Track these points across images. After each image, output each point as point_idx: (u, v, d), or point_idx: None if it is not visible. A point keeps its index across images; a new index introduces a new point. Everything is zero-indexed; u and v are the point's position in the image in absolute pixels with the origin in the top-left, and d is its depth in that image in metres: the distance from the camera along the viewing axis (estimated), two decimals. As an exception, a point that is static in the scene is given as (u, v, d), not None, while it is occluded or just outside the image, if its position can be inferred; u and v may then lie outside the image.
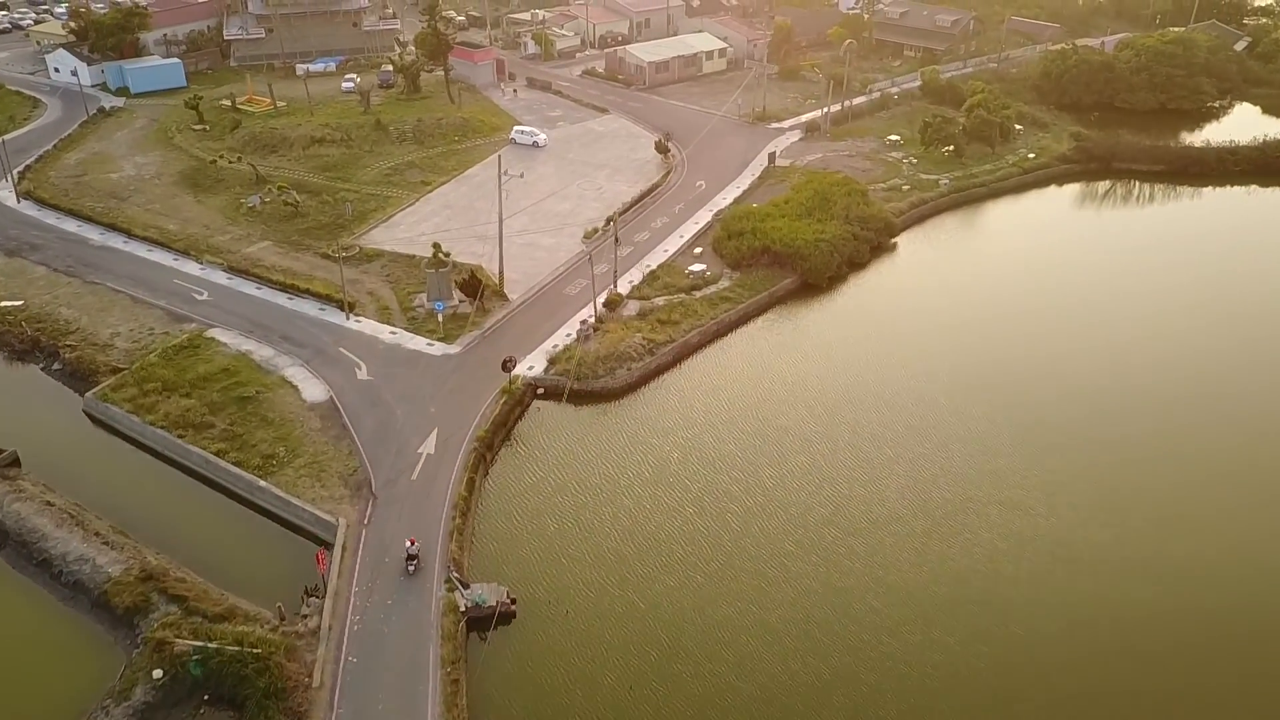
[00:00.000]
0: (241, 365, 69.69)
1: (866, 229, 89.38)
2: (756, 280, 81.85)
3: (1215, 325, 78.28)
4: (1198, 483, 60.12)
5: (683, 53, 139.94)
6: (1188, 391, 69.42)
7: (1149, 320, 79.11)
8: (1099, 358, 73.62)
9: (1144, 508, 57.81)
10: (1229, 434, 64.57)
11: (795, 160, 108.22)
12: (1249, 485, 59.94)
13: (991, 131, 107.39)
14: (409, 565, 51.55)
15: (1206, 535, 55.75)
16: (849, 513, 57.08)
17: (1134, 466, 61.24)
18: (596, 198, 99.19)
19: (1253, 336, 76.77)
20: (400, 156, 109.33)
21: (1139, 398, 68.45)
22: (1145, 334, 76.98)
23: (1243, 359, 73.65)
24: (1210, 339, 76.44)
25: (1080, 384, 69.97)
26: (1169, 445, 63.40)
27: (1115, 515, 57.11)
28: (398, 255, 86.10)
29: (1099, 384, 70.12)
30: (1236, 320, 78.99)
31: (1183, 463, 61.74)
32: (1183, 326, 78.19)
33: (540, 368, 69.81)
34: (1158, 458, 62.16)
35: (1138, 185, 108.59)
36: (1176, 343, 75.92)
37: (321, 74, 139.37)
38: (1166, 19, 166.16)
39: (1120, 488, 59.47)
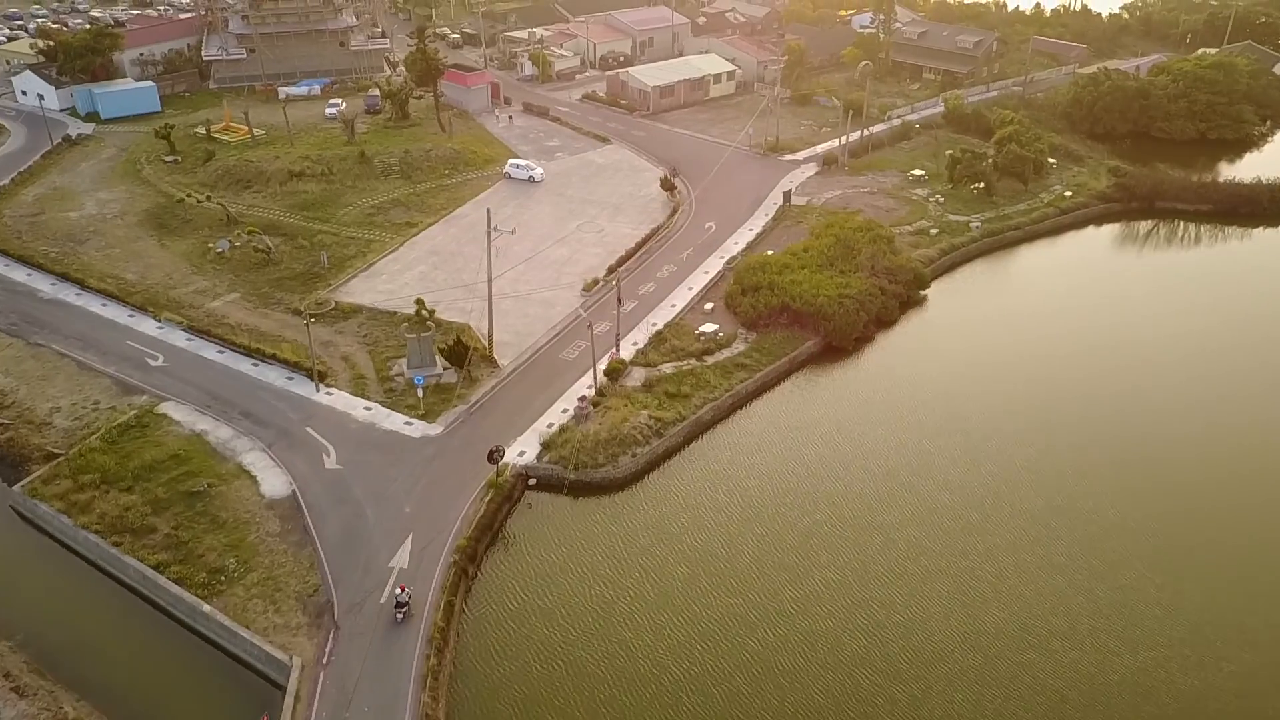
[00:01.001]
0: (194, 450, 61.36)
1: (894, 281, 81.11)
2: (775, 343, 73.58)
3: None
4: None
5: (689, 76, 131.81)
6: (1264, 465, 61.42)
7: (1211, 381, 71.10)
8: (1155, 426, 66.03)
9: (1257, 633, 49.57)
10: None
11: (812, 198, 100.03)
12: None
13: (1025, 168, 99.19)
14: (398, 614, 48.82)
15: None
16: (887, 647, 48.63)
17: (1217, 556, 53.06)
18: (597, 241, 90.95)
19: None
20: (385, 193, 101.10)
21: (1209, 470, 60.48)
22: (1209, 395, 69.31)
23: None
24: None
25: (1139, 458, 62.13)
26: (1254, 534, 55.28)
27: (1207, 651, 48.83)
28: (377, 311, 77.82)
29: (1158, 456, 62.56)
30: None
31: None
32: (1248, 388, 70.04)
33: (532, 453, 61.46)
34: (1245, 550, 54.00)
35: (1183, 226, 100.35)
36: (1242, 406, 67.83)
37: (305, 97, 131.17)
38: (1198, 39, 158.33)
39: (1213, 603, 51.22)
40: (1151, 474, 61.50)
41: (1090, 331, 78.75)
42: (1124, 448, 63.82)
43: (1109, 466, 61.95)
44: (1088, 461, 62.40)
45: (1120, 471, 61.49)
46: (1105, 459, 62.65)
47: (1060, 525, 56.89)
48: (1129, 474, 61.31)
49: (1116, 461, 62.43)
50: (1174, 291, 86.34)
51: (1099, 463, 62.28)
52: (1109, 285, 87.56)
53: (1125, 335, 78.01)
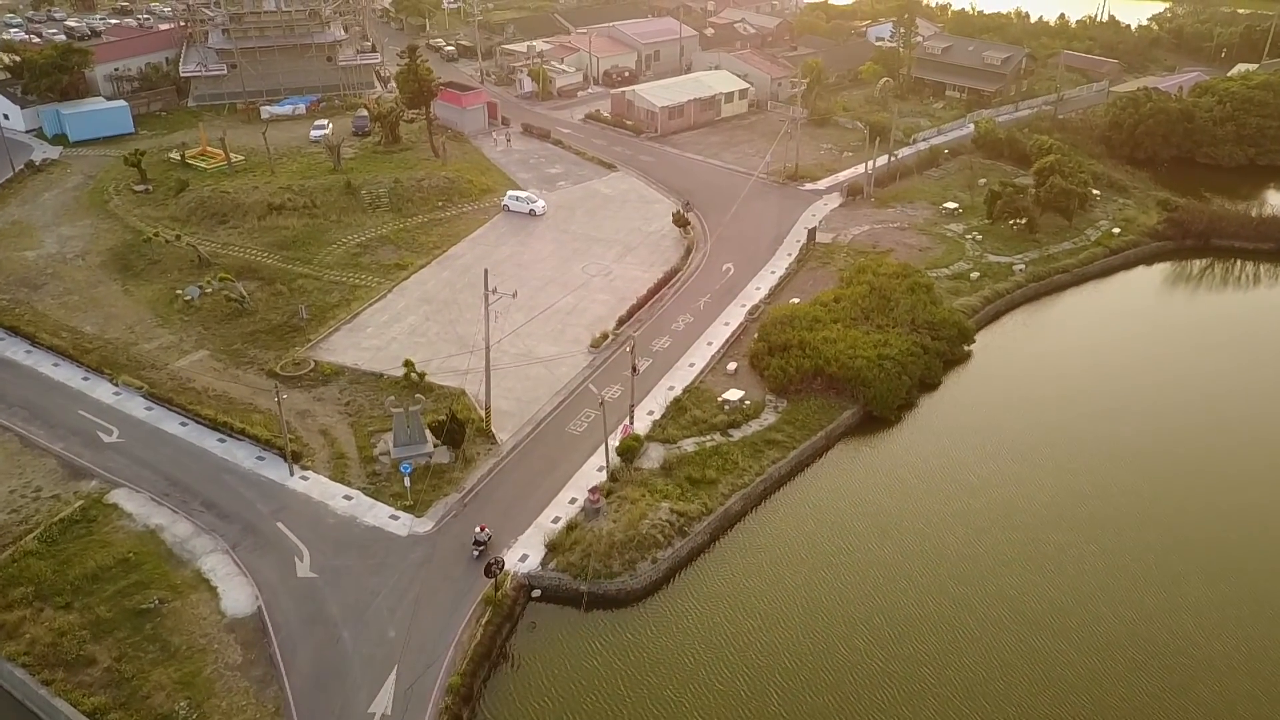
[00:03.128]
0: (146, 552, 53.03)
1: (937, 338, 72.96)
2: (808, 413, 65.39)
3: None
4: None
5: (699, 94, 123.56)
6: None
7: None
8: (1248, 504, 57.89)
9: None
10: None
11: (838, 234, 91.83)
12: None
13: (1069, 202, 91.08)
14: (475, 550, 52.66)
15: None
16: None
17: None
18: (605, 286, 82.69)
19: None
20: (373, 228, 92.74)
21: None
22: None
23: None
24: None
25: (1232, 543, 53.96)
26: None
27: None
28: (361, 374, 69.49)
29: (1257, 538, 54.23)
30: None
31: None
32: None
33: (536, 557, 53.18)
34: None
35: (1241, 265, 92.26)
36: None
37: (289, 117, 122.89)
38: (1234, 53, 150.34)
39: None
40: (1253, 561, 53.54)
41: (1153, 387, 70.93)
42: (1188, 498, 55.80)
43: (1199, 563, 53.91)
44: (1174, 558, 54.32)
45: (1215, 569, 53.48)
46: (1193, 551, 54.63)
47: (1141, 637, 48.83)
48: (1224, 569, 53.33)
49: (1190, 519, 54.44)
50: (1239, 341, 78.22)
51: (1188, 559, 54.23)
52: (1168, 336, 79.57)
53: (1193, 395, 70.04)
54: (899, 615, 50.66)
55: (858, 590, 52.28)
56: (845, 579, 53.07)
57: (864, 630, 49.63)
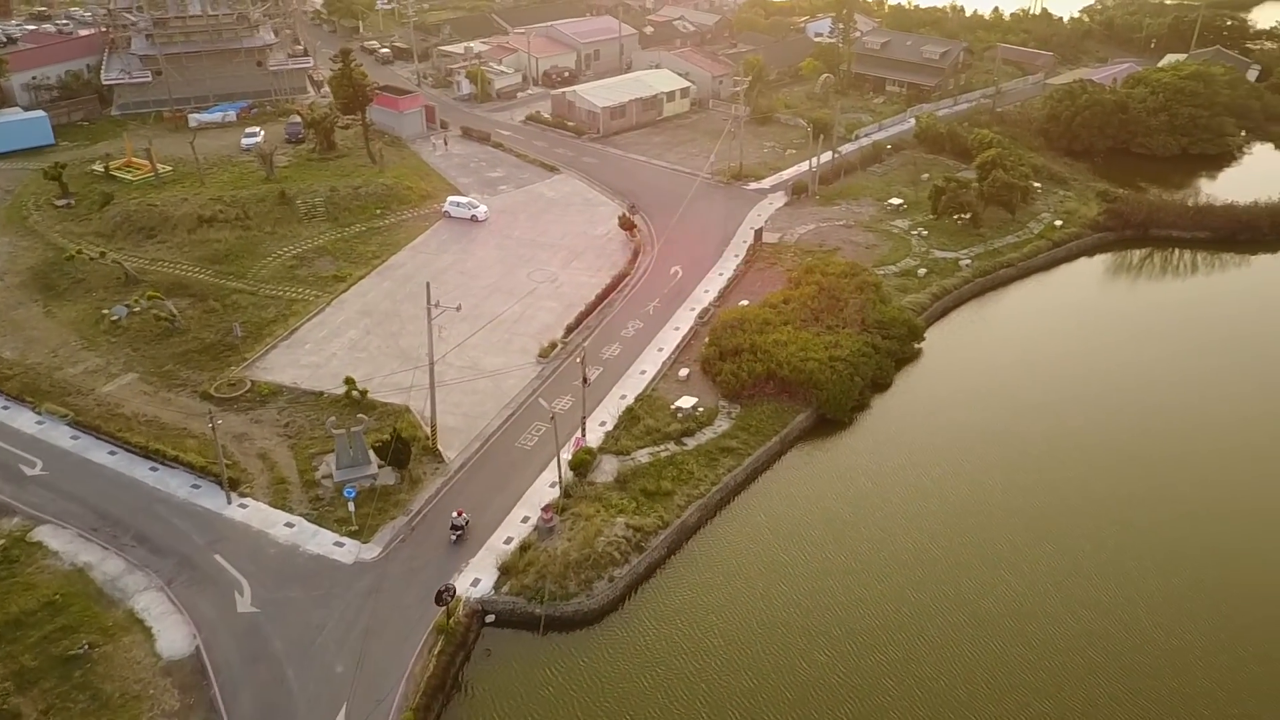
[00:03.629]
0: (74, 593, 50.28)
1: (888, 336, 72.60)
2: (762, 417, 64.50)
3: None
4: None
5: (640, 94, 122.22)
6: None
7: (1233, 425, 64.43)
8: (1202, 480, 59.15)
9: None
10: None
11: (784, 234, 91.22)
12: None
13: (1012, 196, 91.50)
14: (453, 535, 53.89)
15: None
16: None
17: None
18: (552, 293, 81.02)
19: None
20: (309, 239, 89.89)
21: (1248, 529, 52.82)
22: (1226, 435, 63.73)
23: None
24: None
25: (1187, 520, 54.17)
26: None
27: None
28: (301, 393, 67.03)
29: (1213, 514, 54.71)
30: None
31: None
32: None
33: (489, 580, 51.45)
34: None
35: (1180, 254, 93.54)
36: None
37: (219, 124, 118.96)
38: (1162, 44, 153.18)
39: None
40: (1203, 553, 53.80)
41: (1098, 378, 71.53)
42: (1165, 527, 56.02)
43: (1151, 557, 54.05)
44: (1127, 553, 54.44)
45: (1167, 562, 53.63)
46: (1145, 543, 54.77)
47: (1126, 642, 48.75)
48: (1176, 562, 53.50)
49: (1160, 544, 54.60)
50: (1181, 330, 79.10)
51: (1140, 552, 54.35)
52: (1112, 324, 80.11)
53: (1137, 385, 70.61)
54: (858, 626, 49.91)
55: (816, 601, 51.42)
56: (803, 590, 52.17)
57: (823, 643, 48.76)
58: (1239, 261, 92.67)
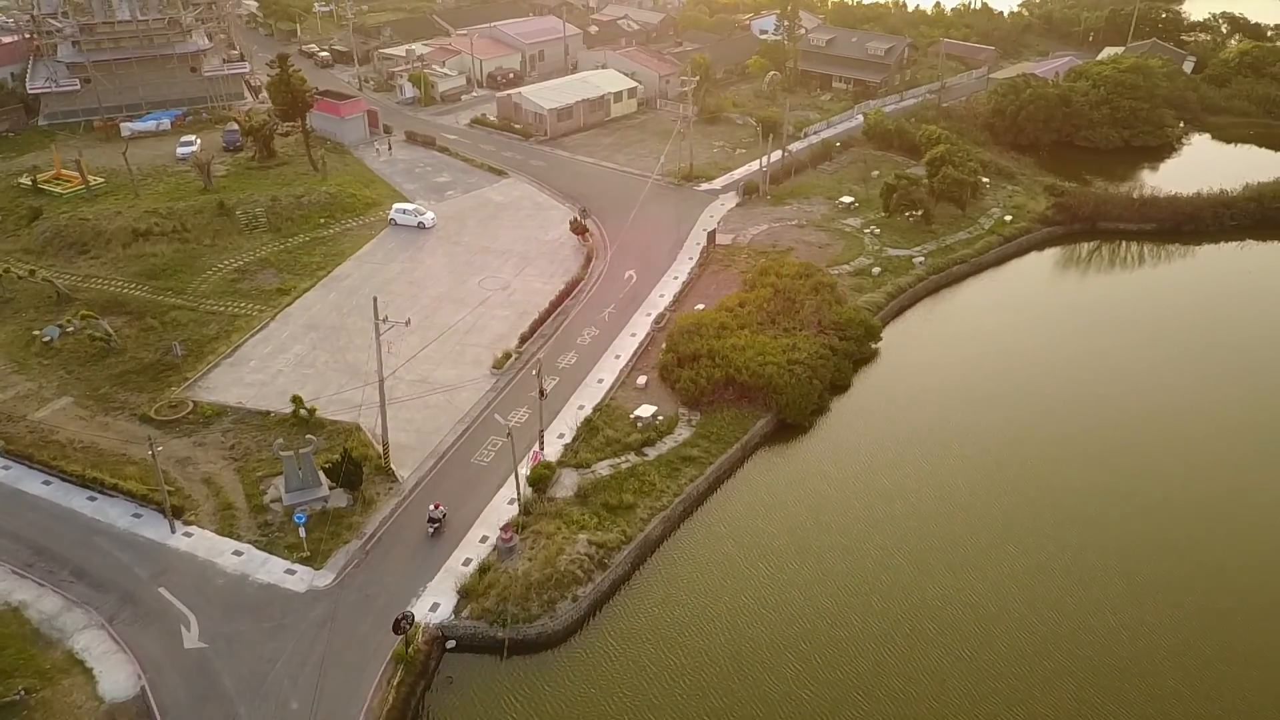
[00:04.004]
0: (9, 634, 47.72)
1: (845, 337, 72.17)
2: (723, 424, 63.62)
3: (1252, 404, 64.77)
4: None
5: (587, 95, 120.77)
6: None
7: (1189, 410, 65.46)
8: (1154, 465, 60.34)
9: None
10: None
11: (737, 235, 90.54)
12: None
13: (963, 192, 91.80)
14: (430, 528, 54.26)
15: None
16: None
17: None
18: (504, 301, 79.40)
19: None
20: (250, 251, 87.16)
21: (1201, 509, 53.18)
22: (1178, 424, 64.51)
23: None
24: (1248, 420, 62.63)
25: (1144, 504, 54.39)
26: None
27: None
28: (246, 412, 64.71)
29: (1168, 499, 54.86)
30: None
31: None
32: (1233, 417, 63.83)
33: (448, 604, 49.85)
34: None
35: (1127, 247, 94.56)
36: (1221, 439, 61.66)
37: (153, 133, 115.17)
38: (1100, 37, 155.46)
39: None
40: (1163, 550, 54.04)
41: (1053, 372, 72.27)
42: (1125, 525, 56.20)
43: (1114, 557, 54.16)
44: (1089, 553, 54.46)
45: (1129, 562, 53.79)
46: (1106, 542, 54.88)
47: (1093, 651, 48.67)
48: (1138, 562, 53.68)
49: (1120, 543, 54.74)
50: (1132, 322, 79.82)
51: (1102, 552, 54.43)
52: (1065, 318, 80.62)
53: (1092, 374, 71.47)
54: (825, 638, 49.21)
55: (782, 614, 50.60)
56: (768, 603, 51.31)
57: (791, 658, 47.98)
58: (1184, 252, 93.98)
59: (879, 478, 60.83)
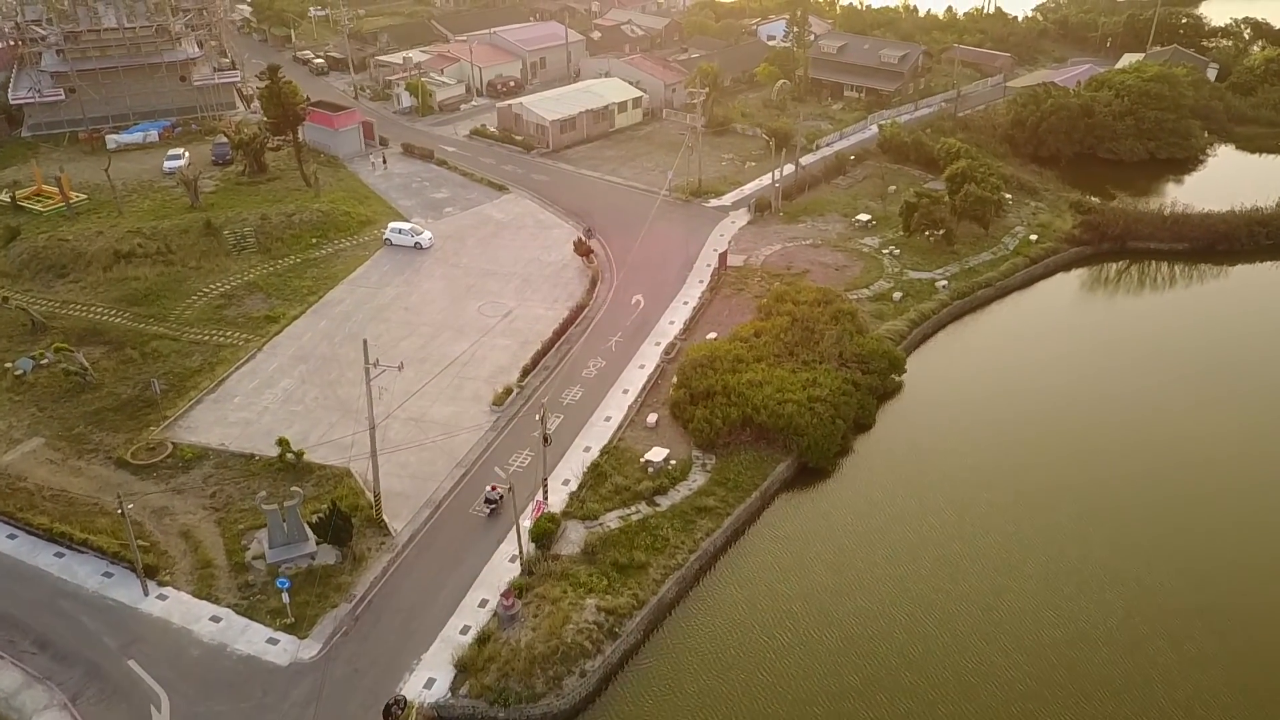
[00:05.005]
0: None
1: (868, 371, 67.86)
2: (740, 469, 59.28)
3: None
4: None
5: (591, 105, 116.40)
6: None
7: (1245, 459, 61.52)
8: (1212, 509, 55.60)
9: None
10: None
11: (750, 256, 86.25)
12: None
13: (986, 211, 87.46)
14: (488, 508, 55.07)
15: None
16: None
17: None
18: (505, 329, 75.11)
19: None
20: (238, 274, 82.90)
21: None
22: (1237, 471, 60.09)
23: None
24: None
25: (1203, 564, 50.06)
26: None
27: None
28: (229, 456, 60.44)
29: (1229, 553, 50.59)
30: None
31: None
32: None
33: (445, 679, 45.55)
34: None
35: (1157, 267, 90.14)
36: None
37: (140, 145, 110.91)
38: (1118, 43, 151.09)
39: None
40: (1226, 594, 49.73)
41: (1087, 404, 67.97)
42: (1185, 563, 51.84)
43: (1170, 601, 49.84)
44: (1138, 619, 50.11)
45: (1188, 603, 49.46)
46: (1161, 585, 50.56)
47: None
48: (1199, 602, 49.34)
49: (1176, 607, 50.42)
50: (1171, 347, 75.39)
51: (1162, 600, 50.09)
52: (1097, 345, 76.09)
53: (1128, 407, 67.19)
54: (849, 697, 45.03)
55: (802, 691, 46.12)
56: (788, 678, 46.72)
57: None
58: (1219, 274, 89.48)
59: (906, 529, 56.47)
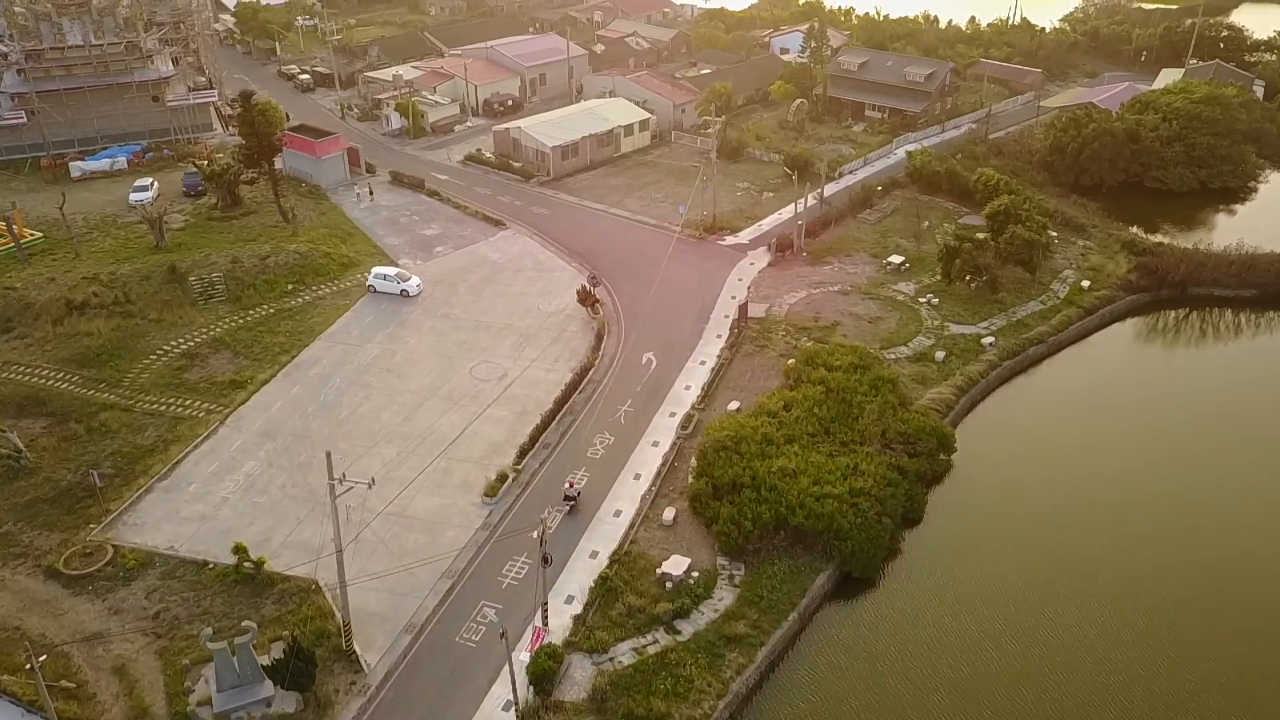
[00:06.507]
0: None
1: (915, 453, 59.33)
2: (774, 582, 50.64)
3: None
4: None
5: (594, 129, 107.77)
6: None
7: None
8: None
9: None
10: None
11: (772, 304, 77.72)
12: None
13: (1034, 255, 78.93)
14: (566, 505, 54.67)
15: None
16: None
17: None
18: (500, 396, 66.52)
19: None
20: (204, 327, 74.33)
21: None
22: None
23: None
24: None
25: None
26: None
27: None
28: (179, 563, 51.92)
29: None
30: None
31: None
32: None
33: None
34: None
35: (1222, 315, 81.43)
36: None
37: (106, 174, 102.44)
38: (1153, 57, 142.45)
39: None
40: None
41: (1163, 482, 60.33)
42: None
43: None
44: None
45: None
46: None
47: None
48: None
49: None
50: (1252, 411, 67.08)
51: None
52: (1166, 409, 67.67)
53: (1209, 482, 59.15)
54: None
55: None
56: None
57: None
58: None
59: (965, 660, 47.89)
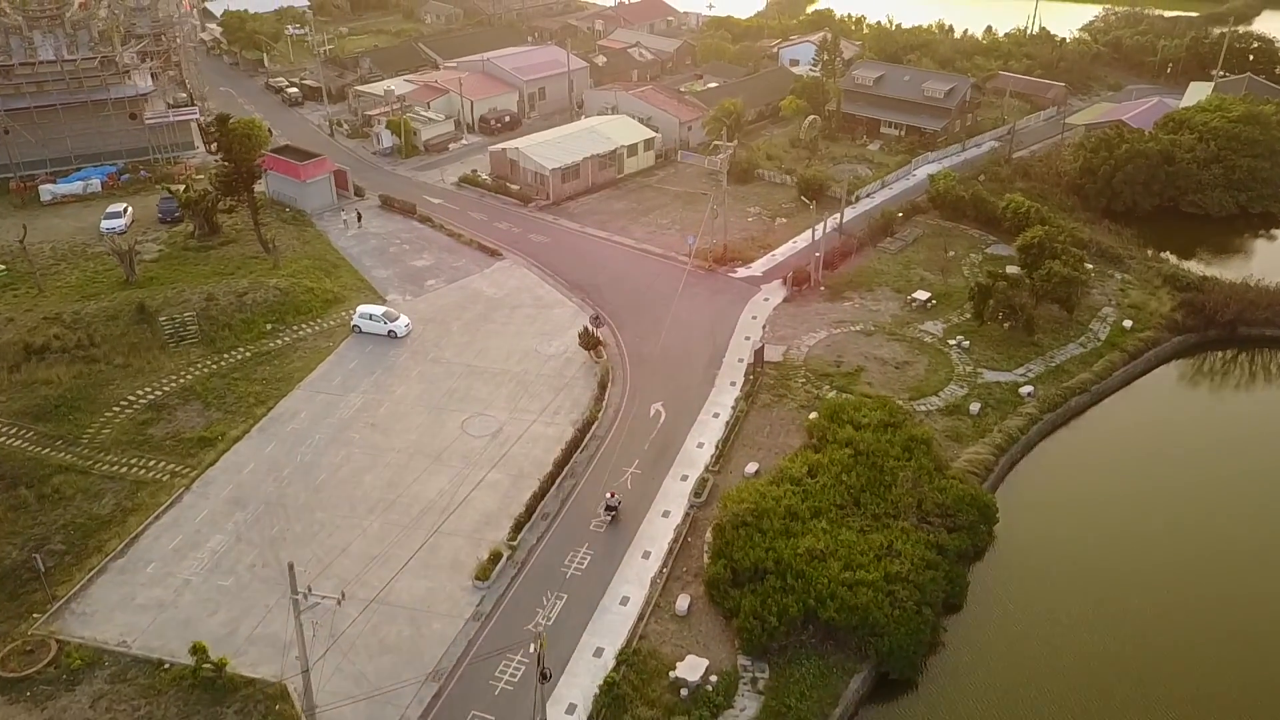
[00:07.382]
0: None
1: (954, 527, 53.42)
2: (802, 689, 44.61)
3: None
4: None
5: (596, 150, 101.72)
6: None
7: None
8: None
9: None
10: None
11: (790, 346, 71.85)
12: None
13: (1073, 293, 73.04)
14: (608, 515, 53.90)
15: None
16: None
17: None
18: (494, 456, 60.45)
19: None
20: (173, 374, 68.35)
21: None
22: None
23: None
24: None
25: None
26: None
27: None
28: (130, 663, 45.98)
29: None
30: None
31: None
32: None
33: None
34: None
35: (1273, 355, 75.74)
36: None
37: (79, 197, 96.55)
38: (1179, 69, 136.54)
39: None
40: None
41: (1229, 550, 53.87)
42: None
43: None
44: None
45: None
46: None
47: None
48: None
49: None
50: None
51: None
52: (1228, 466, 61.78)
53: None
54: None
55: None
56: None
57: None
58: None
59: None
